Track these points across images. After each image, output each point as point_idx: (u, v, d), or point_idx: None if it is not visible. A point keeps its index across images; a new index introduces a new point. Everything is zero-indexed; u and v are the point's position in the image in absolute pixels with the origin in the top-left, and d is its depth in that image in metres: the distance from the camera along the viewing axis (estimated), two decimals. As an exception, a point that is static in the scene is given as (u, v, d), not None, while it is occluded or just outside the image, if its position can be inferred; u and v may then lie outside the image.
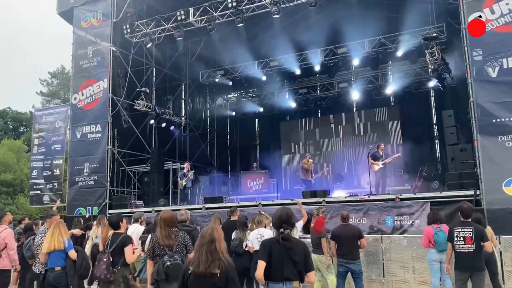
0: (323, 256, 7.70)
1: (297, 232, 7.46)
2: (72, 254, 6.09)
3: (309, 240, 8.04)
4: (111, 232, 6.02)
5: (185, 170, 14.63)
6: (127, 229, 7.57)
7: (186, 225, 6.61)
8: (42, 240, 6.34)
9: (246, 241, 7.39)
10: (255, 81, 20.15)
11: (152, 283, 5.02)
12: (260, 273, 3.89)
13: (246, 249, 7.36)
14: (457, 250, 6.09)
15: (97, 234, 9.25)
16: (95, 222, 9.75)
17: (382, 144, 13.36)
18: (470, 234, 6.00)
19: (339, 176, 18.48)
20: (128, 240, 5.80)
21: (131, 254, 5.77)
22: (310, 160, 14.55)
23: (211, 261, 3.45)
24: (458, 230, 6.13)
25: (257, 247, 6.81)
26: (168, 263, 4.76)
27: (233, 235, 7.59)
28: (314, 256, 7.55)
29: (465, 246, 6.00)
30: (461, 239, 6.05)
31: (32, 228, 8.51)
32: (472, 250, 5.95)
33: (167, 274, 4.74)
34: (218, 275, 3.44)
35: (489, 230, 7.02)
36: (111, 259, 5.62)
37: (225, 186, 19.85)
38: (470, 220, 6.19)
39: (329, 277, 7.67)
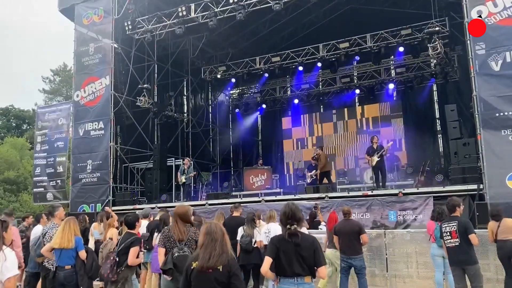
0: (338, 251, 7.71)
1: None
2: (82, 254, 6.01)
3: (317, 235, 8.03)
4: (112, 230, 5.96)
5: (185, 166, 14.59)
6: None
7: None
8: (53, 234, 6.26)
9: (255, 237, 7.41)
10: (257, 77, 20.10)
11: (160, 273, 5.12)
12: (265, 268, 3.91)
13: (255, 246, 7.38)
14: (447, 245, 6.08)
15: (101, 231, 9.30)
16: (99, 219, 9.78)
17: (375, 136, 12.76)
18: (454, 228, 5.97)
19: (342, 171, 18.46)
20: (136, 242, 5.66)
21: (135, 256, 5.62)
22: (314, 154, 14.18)
23: (220, 255, 3.49)
24: (445, 225, 6.13)
25: (266, 242, 6.84)
26: (176, 254, 4.85)
27: (240, 231, 7.59)
28: (331, 251, 7.69)
29: (451, 240, 5.99)
30: (448, 234, 6.04)
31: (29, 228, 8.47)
32: (457, 244, 5.92)
33: (175, 264, 4.84)
34: (221, 270, 3.47)
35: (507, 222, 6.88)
36: (116, 259, 5.53)
37: (228, 182, 19.87)
38: (456, 214, 6.15)
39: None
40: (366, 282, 7.38)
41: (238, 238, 7.47)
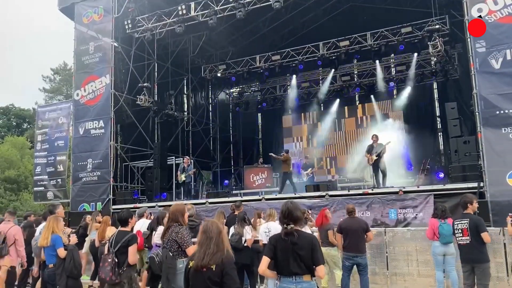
0: (332, 249, 7.67)
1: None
2: (60, 252, 5.82)
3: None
4: (111, 229, 5.93)
5: (185, 165, 14.59)
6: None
7: (191, 220, 6.61)
8: None
9: (244, 236, 7.39)
10: (257, 75, 20.10)
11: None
12: (263, 268, 3.90)
13: (245, 244, 7.34)
14: (458, 243, 6.07)
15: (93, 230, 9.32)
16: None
17: (375, 135, 12.68)
18: (466, 225, 5.94)
19: (342, 169, 18.48)
20: (133, 239, 5.30)
21: (135, 254, 5.31)
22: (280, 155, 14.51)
23: (214, 254, 3.48)
24: (457, 222, 6.11)
25: (265, 241, 6.82)
26: (149, 255, 5.05)
27: (231, 230, 7.55)
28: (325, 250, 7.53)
29: (463, 238, 5.96)
30: (459, 231, 6.02)
31: (32, 226, 8.49)
32: (468, 241, 5.90)
33: (149, 265, 5.03)
34: (214, 269, 3.46)
35: None
36: (116, 260, 5.15)
37: (228, 181, 19.88)
38: (468, 211, 6.11)
39: (337, 272, 7.66)
40: (368, 280, 7.38)
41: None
